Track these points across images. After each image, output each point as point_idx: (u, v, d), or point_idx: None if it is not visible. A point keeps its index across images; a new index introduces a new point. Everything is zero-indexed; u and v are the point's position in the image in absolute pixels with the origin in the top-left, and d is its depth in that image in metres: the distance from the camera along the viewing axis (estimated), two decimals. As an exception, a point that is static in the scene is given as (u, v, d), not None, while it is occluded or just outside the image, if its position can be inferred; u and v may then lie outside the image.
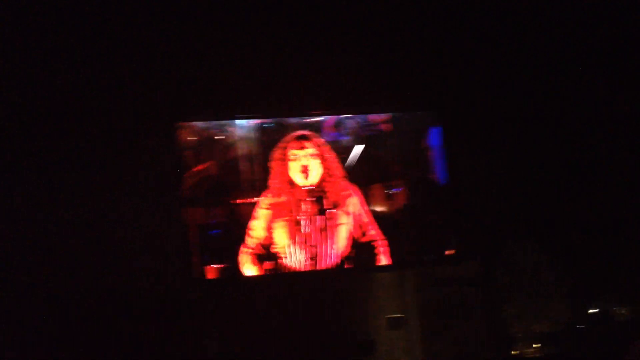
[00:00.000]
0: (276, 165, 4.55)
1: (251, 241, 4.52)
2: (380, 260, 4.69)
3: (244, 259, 4.52)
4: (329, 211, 4.55)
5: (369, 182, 4.80)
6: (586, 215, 5.14)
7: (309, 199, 4.48)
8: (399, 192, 4.86)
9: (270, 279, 4.59)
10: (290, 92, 4.70)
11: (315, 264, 4.47)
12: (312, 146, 4.54)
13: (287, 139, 4.57)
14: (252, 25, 4.67)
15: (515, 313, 5.00)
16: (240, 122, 4.67)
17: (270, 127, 4.70)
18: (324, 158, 4.56)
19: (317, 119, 4.73)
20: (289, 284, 4.63)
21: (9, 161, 4.38)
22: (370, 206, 4.75)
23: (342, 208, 4.58)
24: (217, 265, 4.52)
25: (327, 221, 4.52)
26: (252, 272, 4.52)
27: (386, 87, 4.88)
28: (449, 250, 4.91)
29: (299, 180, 4.51)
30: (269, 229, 4.53)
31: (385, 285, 4.91)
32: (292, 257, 4.51)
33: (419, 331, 4.84)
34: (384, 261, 4.69)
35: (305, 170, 4.47)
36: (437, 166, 4.96)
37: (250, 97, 4.66)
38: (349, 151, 4.77)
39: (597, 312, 5.09)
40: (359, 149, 4.77)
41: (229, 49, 4.67)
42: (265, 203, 4.56)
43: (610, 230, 5.13)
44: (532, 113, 5.17)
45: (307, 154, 4.52)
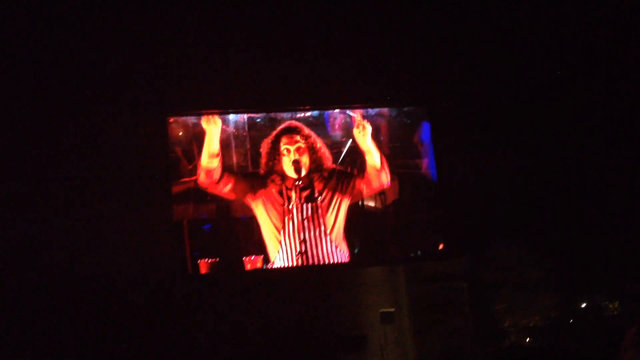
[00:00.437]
0: (266, 157, 4.56)
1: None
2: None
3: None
4: (318, 197, 4.54)
5: (359, 177, 4.80)
6: (575, 211, 5.17)
7: (298, 190, 4.47)
8: (388, 188, 4.89)
9: (262, 273, 4.59)
10: (280, 86, 4.73)
11: (307, 255, 4.45)
12: (302, 138, 4.53)
13: (276, 132, 4.57)
14: (242, 21, 4.71)
15: (505, 308, 5.03)
16: (232, 116, 4.71)
17: (260, 121, 4.74)
18: (313, 150, 4.54)
19: (308, 113, 4.77)
20: (280, 279, 4.63)
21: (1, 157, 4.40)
22: (360, 202, 4.76)
23: (329, 195, 4.58)
24: (210, 259, 4.52)
25: (317, 209, 4.52)
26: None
27: (375, 82, 4.92)
28: (438, 246, 4.94)
29: (290, 172, 4.51)
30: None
31: (375, 280, 4.92)
32: (284, 248, 4.51)
33: (410, 326, 4.87)
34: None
35: (295, 162, 4.45)
36: (426, 162, 4.99)
37: (240, 91, 4.69)
38: (339, 146, 4.80)
39: (588, 306, 5.12)
40: (349, 144, 4.80)
41: (219, 43, 4.71)
42: (255, 195, 4.57)
43: (600, 226, 5.16)
44: (521, 110, 5.21)
45: (298, 147, 4.51)
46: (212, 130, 4.45)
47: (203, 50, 4.69)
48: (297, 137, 4.53)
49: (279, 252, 4.53)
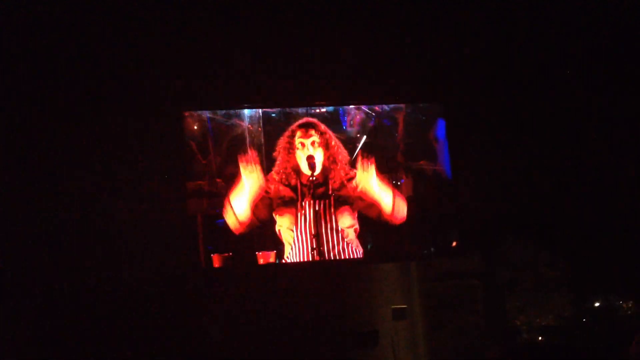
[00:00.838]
0: (282, 152, 4.53)
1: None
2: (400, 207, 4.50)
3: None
4: (333, 195, 4.52)
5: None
6: (591, 209, 5.14)
7: (313, 186, 4.46)
8: (403, 184, 4.88)
9: (275, 268, 4.60)
10: (296, 81, 4.72)
11: (320, 252, 4.45)
12: (318, 133, 4.50)
13: (292, 127, 4.54)
14: (259, 15, 4.69)
15: (518, 306, 5.02)
16: (246, 111, 4.71)
17: (276, 116, 4.74)
18: (328, 146, 4.51)
19: (323, 109, 4.76)
20: (292, 274, 4.64)
21: (17, 152, 4.43)
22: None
23: (346, 191, 4.56)
24: (223, 254, 4.54)
25: (330, 208, 4.50)
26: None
27: (391, 78, 4.89)
28: (452, 243, 4.93)
29: (305, 168, 4.49)
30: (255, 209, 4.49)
31: (387, 276, 4.91)
32: (297, 244, 4.51)
33: (422, 323, 4.86)
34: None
35: (310, 158, 4.42)
36: (441, 159, 4.98)
37: (257, 86, 4.69)
38: (354, 142, 4.80)
39: (601, 305, 5.10)
40: (364, 140, 4.79)
41: (235, 38, 4.70)
42: (270, 190, 4.55)
43: (615, 225, 5.13)
44: (537, 107, 5.18)
45: (313, 142, 4.48)
46: (251, 183, 4.33)
47: (219, 44, 4.68)
48: (313, 132, 4.49)
49: (292, 248, 4.53)
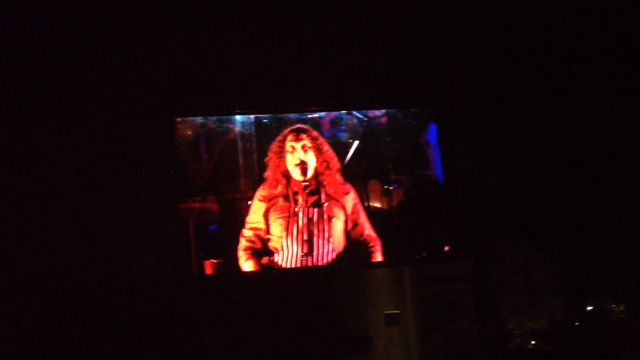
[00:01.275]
0: (273, 158, 4.56)
1: (248, 233, 4.54)
2: (374, 259, 4.68)
3: (242, 254, 4.53)
4: (325, 205, 4.54)
5: (365, 179, 4.82)
6: (581, 213, 5.16)
7: (305, 193, 4.47)
8: (395, 189, 4.89)
9: (267, 274, 4.59)
10: (288, 87, 4.73)
11: (311, 258, 4.46)
12: (309, 139, 4.54)
13: (284, 132, 4.58)
14: (250, 21, 4.70)
15: (510, 310, 5.03)
16: (238, 117, 4.71)
17: (268, 122, 4.75)
18: (320, 151, 4.55)
19: (315, 114, 4.77)
20: (285, 280, 4.63)
21: (9, 157, 4.41)
22: (365, 203, 4.77)
23: (338, 202, 4.58)
24: (215, 260, 4.53)
25: (323, 215, 4.51)
26: (250, 266, 4.52)
27: (382, 84, 4.92)
28: (444, 248, 4.93)
29: (295, 173, 4.51)
30: (266, 221, 4.55)
31: (380, 282, 4.92)
32: (287, 250, 4.51)
33: (415, 327, 4.86)
34: (378, 259, 4.68)
35: (301, 164, 4.46)
36: (432, 163, 4.99)
37: (248, 92, 4.69)
38: (345, 147, 4.80)
39: (593, 309, 5.12)
40: (355, 145, 4.80)
41: (226, 44, 4.70)
42: (261, 195, 4.57)
43: (606, 229, 5.15)
44: (528, 111, 5.20)
45: (304, 147, 4.52)
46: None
47: (210, 50, 4.69)
48: (304, 136, 4.55)
49: (281, 254, 4.52)
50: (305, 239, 4.45)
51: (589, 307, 5.14)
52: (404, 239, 4.87)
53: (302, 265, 4.47)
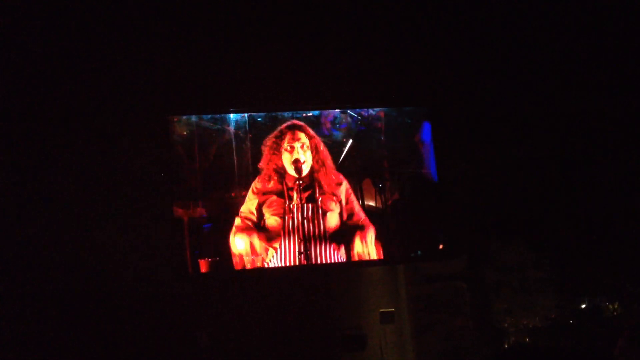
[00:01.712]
0: (267, 151, 4.55)
1: (239, 221, 4.54)
2: (366, 247, 4.63)
3: (234, 230, 4.52)
4: (319, 199, 4.53)
5: (360, 177, 4.82)
6: (575, 212, 5.18)
7: (300, 189, 4.47)
8: (389, 188, 4.90)
9: (263, 272, 4.59)
10: (283, 86, 4.73)
11: (307, 254, 4.46)
12: (306, 137, 4.54)
13: (281, 128, 4.56)
14: (245, 20, 4.70)
15: (504, 308, 5.05)
16: (232, 116, 4.71)
17: (261, 120, 4.75)
18: (317, 150, 4.54)
19: (310, 113, 4.78)
20: (280, 278, 4.64)
21: (4, 157, 4.41)
22: (360, 201, 4.77)
23: (332, 195, 4.57)
24: (210, 258, 4.52)
25: (318, 210, 4.51)
26: (241, 239, 4.50)
27: (377, 82, 4.92)
28: (438, 246, 4.94)
29: (292, 171, 4.50)
30: (258, 214, 4.54)
31: (375, 280, 4.93)
32: (283, 247, 4.51)
33: (410, 326, 4.88)
34: (372, 250, 4.65)
35: (297, 164, 4.45)
36: (427, 162, 5.00)
37: (243, 91, 4.69)
38: (340, 146, 4.81)
39: (587, 307, 5.13)
40: (349, 143, 4.80)
41: (221, 43, 4.70)
42: (255, 187, 4.56)
43: (600, 227, 5.17)
44: (522, 111, 5.22)
45: (302, 144, 4.51)
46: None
47: (205, 49, 4.69)
48: (302, 135, 4.54)
49: (276, 252, 4.52)
50: (300, 236, 4.44)
51: (583, 305, 5.15)
52: (398, 238, 4.87)
53: (298, 263, 4.46)
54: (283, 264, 4.51)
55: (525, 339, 5.01)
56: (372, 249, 4.63)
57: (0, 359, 4.16)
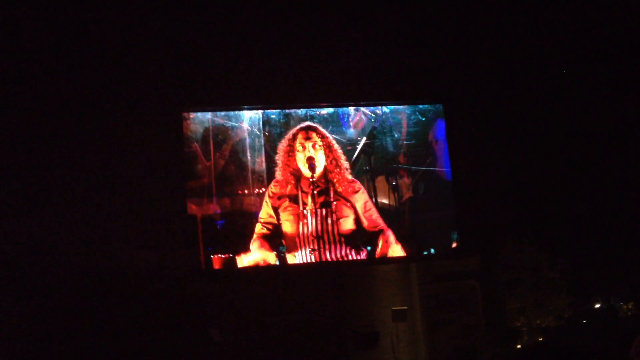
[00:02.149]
0: (283, 156, 4.59)
1: (260, 227, 4.59)
2: (390, 246, 4.70)
3: (254, 237, 4.59)
4: (333, 204, 4.57)
5: (373, 175, 4.83)
6: (590, 212, 5.14)
7: (314, 190, 4.49)
8: (403, 186, 4.90)
9: (277, 270, 4.62)
10: (297, 82, 4.75)
11: (320, 254, 4.48)
12: (318, 137, 4.56)
13: (293, 131, 4.60)
14: (259, 17, 4.70)
15: (518, 307, 5.02)
16: (246, 113, 4.72)
17: (276, 117, 4.76)
18: (329, 149, 4.57)
19: (324, 111, 4.79)
20: (293, 276, 4.65)
21: (16, 153, 4.44)
22: (373, 199, 4.77)
23: (347, 201, 4.61)
24: (223, 255, 4.55)
25: (331, 215, 4.55)
26: (260, 256, 4.56)
27: (391, 79, 4.92)
28: (452, 245, 4.94)
29: (305, 171, 4.53)
30: (277, 217, 4.59)
31: (388, 278, 4.93)
32: (297, 246, 4.54)
33: (422, 324, 4.87)
34: (395, 249, 4.70)
35: (310, 161, 4.47)
36: (441, 160, 4.98)
37: (257, 87, 4.71)
38: (354, 144, 4.81)
39: (601, 307, 5.09)
40: (363, 141, 4.80)
41: (235, 39, 4.71)
42: (271, 192, 4.61)
43: (615, 227, 5.13)
44: (537, 109, 5.19)
45: (314, 143, 4.55)
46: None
47: (219, 46, 4.70)
48: (314, 135, 4.57)
49: (294, 248, 4.56)
50: (314, 247, 4.48)
51: (597, 305, 5.11)
52: (412, 236, 4.87)
53: (313, 260, 4.50)
54: (296, 261, 4.55)
55: (538, 339, 4.98)
56: (396, 249, 4.71)
57: (16, 353, 4.21)
